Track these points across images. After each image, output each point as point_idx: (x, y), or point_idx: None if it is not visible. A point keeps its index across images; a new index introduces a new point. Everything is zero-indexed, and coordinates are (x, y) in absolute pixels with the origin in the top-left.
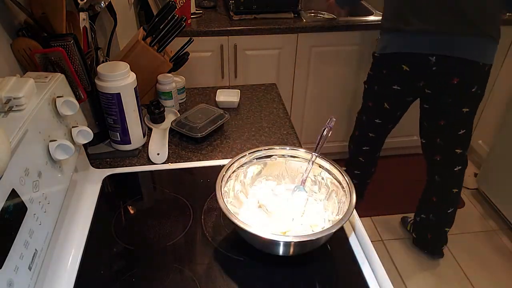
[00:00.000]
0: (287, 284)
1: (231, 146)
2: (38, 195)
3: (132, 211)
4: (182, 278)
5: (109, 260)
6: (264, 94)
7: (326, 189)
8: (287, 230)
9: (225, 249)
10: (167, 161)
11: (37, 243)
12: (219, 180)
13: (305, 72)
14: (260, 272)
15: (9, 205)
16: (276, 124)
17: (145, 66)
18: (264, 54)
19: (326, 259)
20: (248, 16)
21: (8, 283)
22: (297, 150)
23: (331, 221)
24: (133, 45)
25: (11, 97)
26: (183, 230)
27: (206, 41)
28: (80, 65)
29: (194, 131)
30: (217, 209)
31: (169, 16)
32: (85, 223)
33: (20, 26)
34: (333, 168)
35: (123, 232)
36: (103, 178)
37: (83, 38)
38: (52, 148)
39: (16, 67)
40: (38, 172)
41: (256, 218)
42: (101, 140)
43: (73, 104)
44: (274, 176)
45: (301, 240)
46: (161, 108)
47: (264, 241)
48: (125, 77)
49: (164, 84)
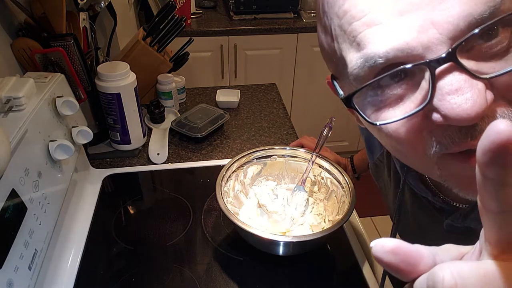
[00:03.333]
0: (287, 284)
1: (231, 146)
2: (38, 195)
3: (132, 211)
4: (182, 278)
5: (109, 260)
6: (264, 94)
7: (326, 189)
8: (287, 230)
9: (225, 249)
10: (167, 161)
11: (37, 243)
12: (219, 180)
13: (305, 72)
14: (260, 272)
15: (9, 205)
16: (276, 124)
17: (145, 66)
18: (264, 54)
19: (326, 259)
20: (248, 16)
21: (8, 283)
22: (297, 150)
23: (331, 221)
24: (133, 45)
25: (11, 97)
26: (183, 230)
27: (206, 41)
28: (80, 65)
29: (194, 131)
30: (217, 209)
31: (169, 16)
32: (85, 223)
33: (20, 26)
34: (333, 168)
35: (123, 232)
36: (103, 178)
37: (83, 38)
38: (52, 148)
39: (16, 67)
40: (38, 172)
41: (256, 218)
42: (101, 140)
43: (73, 104)
44: (274, 176)
45: (301, 240)
46: (161, 108)
47: (264, 241)
48: (125, 77)
49: (164, 84)
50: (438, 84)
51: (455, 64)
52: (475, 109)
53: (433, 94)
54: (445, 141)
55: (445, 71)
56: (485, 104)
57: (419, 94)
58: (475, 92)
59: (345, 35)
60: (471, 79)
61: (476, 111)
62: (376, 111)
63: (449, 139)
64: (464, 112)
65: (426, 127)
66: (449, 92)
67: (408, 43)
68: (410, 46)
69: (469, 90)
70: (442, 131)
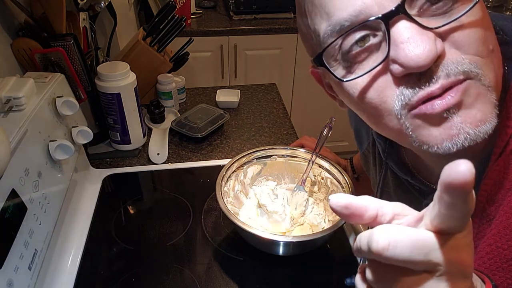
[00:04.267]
0: (287, 284)
1: (231, 146)
2: (38, 195)
3: (132, 211)
4: (182, 278)
5: (109, 260)
6: (264, 94)
7: (326, 189)
8: (287, 230)
9: (225, 249)
10: (167, 161)
11: (37, 243)
12: (219, 180)
13: (305, 72)
14: (260, 272)
15: (9, 205)
16: (276, 124)
17: (145, 66)
18: (264, 54)
19: (326, 259)
20: (248, 16)
21: (8, 283)
22: (297, 150)
23: (331, 221)
24: (133, 45)
25: (11, 97)
26: (183, 230)
27: (206, 41)
28: (80, 65)
29: (194, 131)
30: (217, 209)
31: (169, 16)
32: (85, 223)
33: (20, 26)
34: (333, 168)
35: (123, 232)
36: (103, 178)
37: (83, 38)
38: (52, 148)
39: (16, 67)
40: (38, 172)
41: (256, 218)
42: (101, 140)
43: (73, 104)
44: (274, 176)
45: (301, 240)
46: (161, 108)
47: (264, 241)
48: (125, 77)
49: (164, 84)
50: (392, 36)
51: (405, 16)
52: (426, 53)
53: (390, 46)
54: (407, 92)
55: (397, 23)
56: (435, 49)
57: (381, 52)
58: (425, 39)
59: (316, 8)
60: (421, 29)
61: (427, 55)
62: (346, 73)
63: (411, 89)
64: (416, 56)
65: (390, 84)
66: (402, 41)
67: (365, 2)
68: (368, 5)
69: (419, 37)
70: (405, 82)
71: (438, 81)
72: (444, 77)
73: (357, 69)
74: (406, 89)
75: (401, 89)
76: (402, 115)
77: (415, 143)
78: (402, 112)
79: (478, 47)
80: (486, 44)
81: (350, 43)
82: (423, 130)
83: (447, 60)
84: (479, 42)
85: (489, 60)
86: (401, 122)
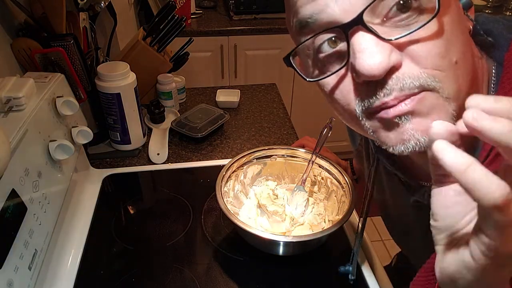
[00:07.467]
0: (287, 284)
1: (231, 146)
2: (38, 195)
3: (132, 211)
4: (182, 278)
5: (109, 260)
6: (264, 94)
7: (326, 189)
8: (287, 230)
9: (225, 249)
10: (167, 161)
11: (37, 243)
12: (219, 180)
13: None
14: (260, 272)
15: (9, 205)
16: (276, 124)
17: (145, 66)
18: (264, 54)
19: (326, 259)
20: (248, 16)
21: (8, 283)
22: (297, 150)
23: (331, 221)
24: (133, 45)
25: (11, 97)
26: (183, 230)
27: (206, 41)
28: (80, 65)
29: (194, 131)
30: (217, 209)
31: (169, 16)
32: (85, 223)
33: (20, 26)
34: (333, 168)
35: (123, 232)
36: (103, 178)
37: (83, 38)
38: (52, 148)
39: (16, 67)
40: (38, 172)
41: (256, 218)
42: (101, 140)
43: (73, 104)
44: (274, 176)
45: (301, 240)
46: (161, 108)
47: (264, 241)
48: (125, 77)
49: (164, 84)
50: (351, 45)
51: (362, 27)
52: (377, 64)
53: (349, 54)
54: (366, 98)
55: (356, 32)
56: (387, 60)
57: (345, 57)
58: (379, 50)
59: (290, 5)
60: (377, 40)
61: (378, 66)
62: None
63: (368, 97)
64: (368, 66)
65: (352, 89)
66: (359, 51)
67: (328, 5)
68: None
69: (374, 48)
70: (365, 89)
71: (392, 93)
72: (398, 90)
73: (327, 70)
74: (366, 96)
75: (361, 95)
76: (363, 118)
77: (377, 143)
78: (362, 115)
79: (437, 61)
80: (448, 57)
81: (319, 43)
82: (381, 132)
83: (404, 74)
84: (438, 57)
85: (451, 73)
86: (362, 123)
